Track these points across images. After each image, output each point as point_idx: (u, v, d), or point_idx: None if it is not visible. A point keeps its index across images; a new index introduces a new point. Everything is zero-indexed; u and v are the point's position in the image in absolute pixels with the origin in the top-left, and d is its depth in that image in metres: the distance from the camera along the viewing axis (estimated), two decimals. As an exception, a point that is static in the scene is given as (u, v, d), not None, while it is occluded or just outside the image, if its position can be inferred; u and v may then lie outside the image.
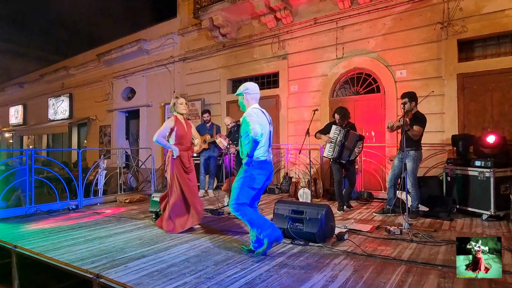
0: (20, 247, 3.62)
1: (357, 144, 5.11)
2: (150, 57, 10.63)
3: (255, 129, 2.93)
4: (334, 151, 5.15)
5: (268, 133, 3.19)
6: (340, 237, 3.64)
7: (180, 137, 3.95)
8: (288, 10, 7.39)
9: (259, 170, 3.10)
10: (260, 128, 2.97)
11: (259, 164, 3.09)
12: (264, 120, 3.17)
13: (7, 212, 5.23)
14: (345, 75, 6.98)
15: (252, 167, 3.08)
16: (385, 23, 6.42)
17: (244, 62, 8.43)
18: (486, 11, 5.49)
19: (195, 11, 8.50)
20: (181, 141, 3.96)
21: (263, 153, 3.11)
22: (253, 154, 3.05)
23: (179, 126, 3.99)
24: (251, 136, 2.94)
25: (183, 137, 3.95)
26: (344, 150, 5.10)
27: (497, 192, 4.38)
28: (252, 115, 3.07)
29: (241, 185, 3.11)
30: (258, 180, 3.11)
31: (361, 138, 5.16)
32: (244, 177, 3.11)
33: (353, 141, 5.07)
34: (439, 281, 2.55)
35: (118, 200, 6.63)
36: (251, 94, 3.25)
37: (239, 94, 3.29)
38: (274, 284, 2.54)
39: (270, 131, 3.23)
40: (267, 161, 3.15)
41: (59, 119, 14.26)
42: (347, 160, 5.13)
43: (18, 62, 21.43)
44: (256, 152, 3.07)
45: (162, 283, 2.56)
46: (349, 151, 5.09)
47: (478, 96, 5.64)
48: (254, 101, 3.26)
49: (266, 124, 3.18)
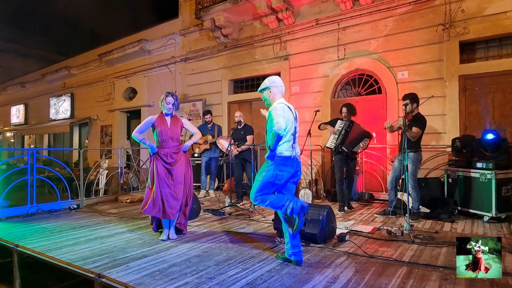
0: (21, 246, 3.62)
1: (363, 139, 5.19)
2: (151, 57, 10.64)
3: (279, 123, 2.85)
4: (337, 139, 5.20)
5: (293, 129, 3.09)
6: (341, 238, 3.64)
7: (160, 133, 3.88)
8: (290, 11, 7.40)
9: (282, 166, 2.99)
10: (284, 123, 2.89)
11: (282, 160, 2.99)
12: (290, 115, 3.07)
13: (9, 211, 5.24)
14: (347, 76, 6.99)
15: (275, 162, 2.99)
16: (386, 25, 6.43)
17: (245, 63, 8.44)
18: (488, 12, 5.49)
19: (197, 12, 8.51)
20: (162, 137, 3.89)
21: (287, 148, 3.01)
22: (276, 148, 2.97)
23: (159, 122, 3.90)
24: (274, 130, 2.86)
25: (163, 134, 3.88)
26: (348, 139, 5.14)
27: (498, 194, 4.38)
28: (278, 109, 2.97)
29: (263, 179, 3.01)
30: (280, 176, 2.99)
31: (369, 136, 5.23)
32: (267, 171, 3.01)
33: (358, 134, 5.15)
34: (441, 282, 2.54)
35: (119, 200, 6.64)
36: (278, 87, 3.14)
37: (265, 89, 3.18)
38: (275, 284, 2.54)
39: (295, 127, 3.12)
40: (291, 158, 3.03)
41: (60, 118, 14.29)
42: (350, 150, 5.15)
43: (20, 62, 21.49)
44: (280, 147, 2.98)
45: (164, 283, 2.57)
46: (353, 141, 5.16)
47: (479, 97, 5.64)
48: (280, 94, 3.16)
49: (292, 119, 3.08)
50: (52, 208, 5.66)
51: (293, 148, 3.05)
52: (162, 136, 3.88)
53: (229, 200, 5.75)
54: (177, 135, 3.98)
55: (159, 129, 3.88)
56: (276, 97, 3.13)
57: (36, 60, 21.22)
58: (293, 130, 3.07)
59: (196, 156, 7.78)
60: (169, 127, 3.92)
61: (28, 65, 19.98)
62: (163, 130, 3.88)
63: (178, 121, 4.02)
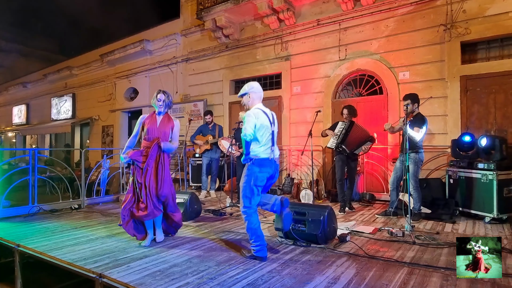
0: (23, 246, 3.63)
1: (366, 143, 5.20)
2: (153, 58, 10.66)
3: (246, 130, 3.09)
4: (338, 138, 5.21)
5: (270, 133, 3.24)
6: (342, 238, 3.64)
7: (146, 131, 3.68)
8: (291, 11, 7.40)
9: (259, 167, 3.16)
10: (251, 129, 3.09)
11: (259, 162, 3.16)
12: (265, 120, 3.21)
13: (10, 211, 5.26)
14: (348, 76, 6.98)
15: (252, 164, 3.17)
16: (388, 25, 6.42)
17: (246, 63, 8.44)
18: (490, 13, 5.48)
19: (198, 12, 8.52)
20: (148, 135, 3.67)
21: (264, 151, 3.18)
22: (248, 152, 3.19)
23: (149, 120, 3.72)
24: (242, 135, 3.13)
25: (149, 131, 3.66)
26: (348, 138, 5.14)
27: (500, 194, 4.36)
28: (250, 115, 3.14)
29: (245, 183, 3.18)
30: (260, 177, 3.16)
31: (372, 140, 5.25)
32: (247, 175, 3.18)
33: (360, 136, 5.16)
34: (442, 283, 2.54)
35: (121, 200, 6.64)
36: (257, 93, 3.30)
37: (244, 94, 3.32)
38: (276, 285, 2.54)
39: (273, 131, 3.27)
40: (269, 159, 3.20)
41: (62, 118, 14.32)
42: (351, 152, 5.15)
43: (22, 62, 21.54)
44: (257, 150, 3.17)
45: (165, 283, 2.57)
46: (355, 142, 5.16)
47: (481, 98, 5.63)
48: (258, 100, 3.32)
49: (268, 124, 3.22)
50: (54, 208, 5.67)
51: (271, 151, 3.22)
52: (148, 134, 3.65)
53: (230, 201, 5.75)
54: (164, 135, 3.69)
55: (147, 127, 3.66)
56: (254, 102, 3.30)
57: (38, 60, 21.28)
58: (269, 134, 3.22)
59: (197, 156, 7.78)
60: (158, 126, 3.69)
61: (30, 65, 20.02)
62: (150, 128, 3.65)
63: (169, 122, 3.76)
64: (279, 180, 7.84)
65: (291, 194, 6.90)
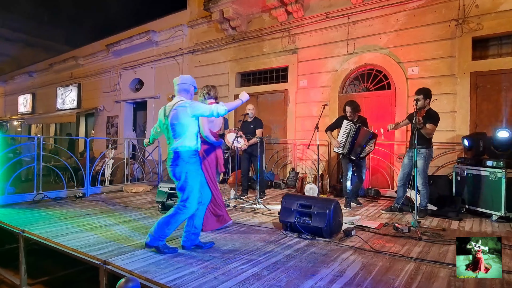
0: (27, 231, 3.64)
1: (369, 141, 5.06)
2: (159, 49, 10.60)
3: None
4: (344, 147, 5.10)
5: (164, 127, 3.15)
6: (348, 232, 3.61)
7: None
8: (300, 4, 7.30)
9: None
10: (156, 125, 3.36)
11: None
12: (161, 113, 3.19)
13: (15, 198, 5.28)
14: (356, 71, 6.90)
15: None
16: (398, 19, 6.32)
17: (253, 56, 8.37)
18: (503, 8, 5.36)
19: (205, 3, 8.43)
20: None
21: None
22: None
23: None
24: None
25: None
26: (355, 146, 5.05)
27: (508, 193, 4.30)
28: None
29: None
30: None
31: (374, 136, 5.11)
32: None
33: (365, 138, 5.01)
34: (450, 279, 2.51)
35: (125, 190, 6.66)
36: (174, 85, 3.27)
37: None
38: (281, 276, 2.52)
39: (166, 124, 3.10)
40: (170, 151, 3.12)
41: (67, 108, 14.34)
42: (358, 157, 5.08)
43: (28, 51, 21.57)
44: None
45: (169, 271, 2.56)
46: (360, 148, 5.03)
47: (491, 95, 5.54)
48: (177, 93, 3.24)
49: (162, 117, 3.17)
50: (58, 196, 5.69)
51: (170, 144, 3.12)
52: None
53: (235, 193, 5.73)
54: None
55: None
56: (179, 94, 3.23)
57: (44, 50, 21.28)
58: (163, 128, 3.18)
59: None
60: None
61: (36, 55, 20.03)
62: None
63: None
64: (283, 174, 7.81)
65: (295, 188, 6.87)
